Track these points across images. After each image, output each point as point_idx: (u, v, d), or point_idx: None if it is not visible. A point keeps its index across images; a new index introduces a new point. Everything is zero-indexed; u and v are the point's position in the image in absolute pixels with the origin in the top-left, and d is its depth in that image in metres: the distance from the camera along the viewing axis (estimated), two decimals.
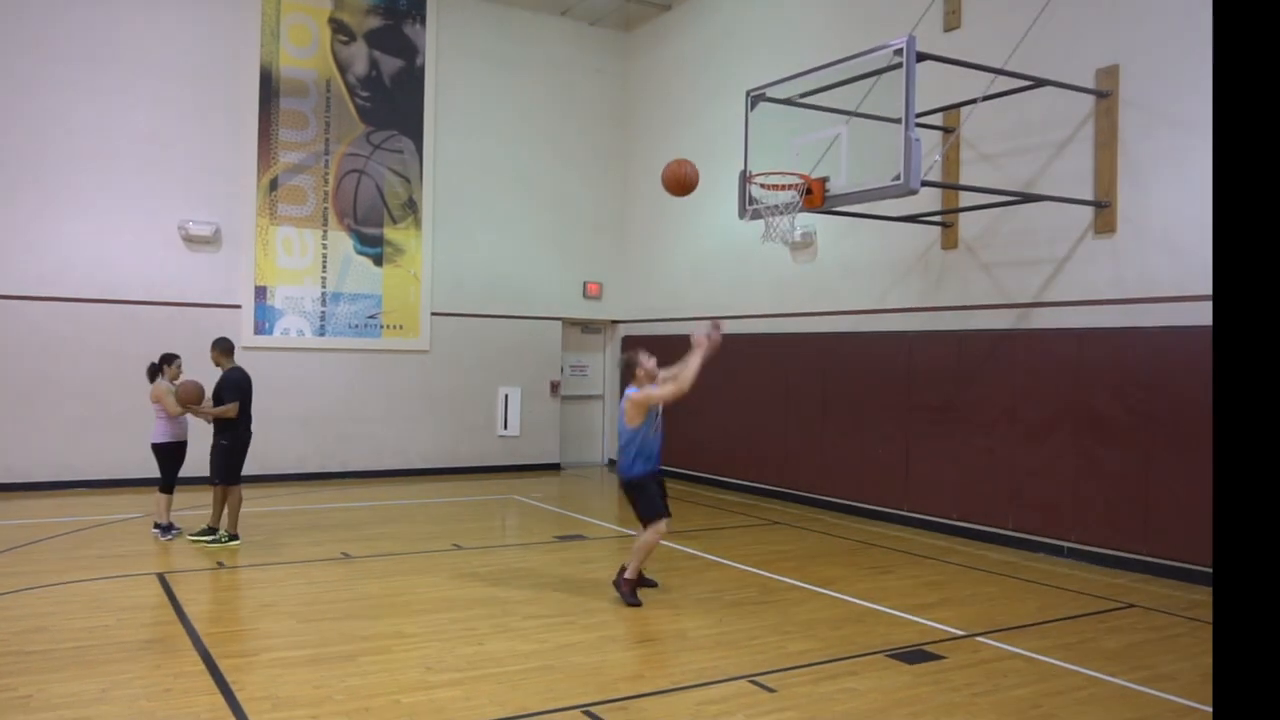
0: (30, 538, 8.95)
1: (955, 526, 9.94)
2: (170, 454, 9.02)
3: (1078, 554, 8.77)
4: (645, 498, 7.11)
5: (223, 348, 9.00)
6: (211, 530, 8.90)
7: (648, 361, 7.18)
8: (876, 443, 10.86)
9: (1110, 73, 8.61)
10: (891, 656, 5.81)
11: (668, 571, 8.03)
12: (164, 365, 9.16)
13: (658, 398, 6.98)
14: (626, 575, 7.08)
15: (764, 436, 12.57)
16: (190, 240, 12.67)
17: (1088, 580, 8.03)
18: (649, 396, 6.99)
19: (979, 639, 6.22)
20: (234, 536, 8.78)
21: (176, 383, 8.95)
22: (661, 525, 7.08)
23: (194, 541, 8.78)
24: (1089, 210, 8.78)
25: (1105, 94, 8.61)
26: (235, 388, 8.78)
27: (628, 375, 7.24)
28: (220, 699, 4.91)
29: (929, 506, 10.24)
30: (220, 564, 8.08)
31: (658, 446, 7.20)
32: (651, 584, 7.43)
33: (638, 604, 6.92)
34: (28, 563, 7.98)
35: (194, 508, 10.01)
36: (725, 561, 8.50)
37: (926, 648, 6.00)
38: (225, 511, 8.85)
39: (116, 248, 12.30)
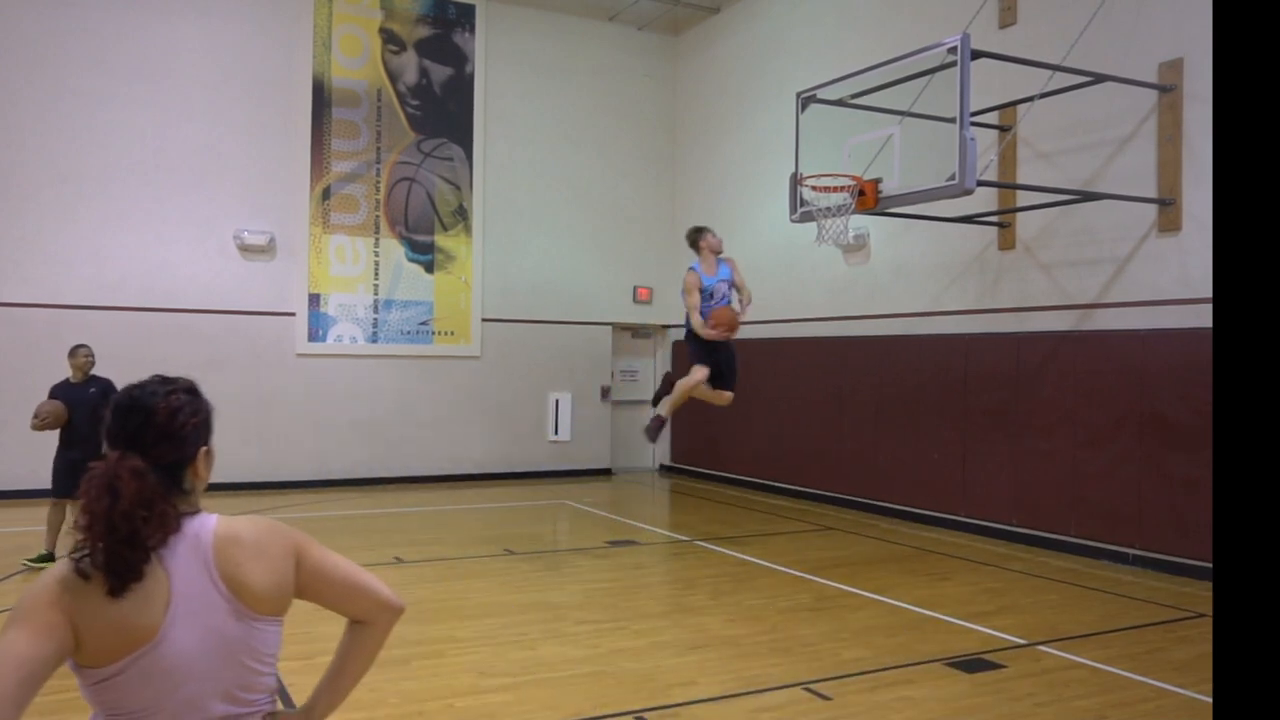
0: None
1: (1014, 533, 9.72)
2: None
3: (1143, 561, 8.52)
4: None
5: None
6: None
7: (714, 239, 9.43)
8: (932, 447, 10.67)
9: (1174, 66, 8.37)
10: (950, 665, 5.67)
11: (720, 578, 7.96)
12: None
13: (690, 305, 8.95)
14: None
15: (816, 441, 12.42)
16: (245, 249, 12.88)
17: (1154, 588, 7.79)
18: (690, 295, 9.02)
19: (1040, 648, 6.06)
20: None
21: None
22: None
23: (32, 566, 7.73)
24: (1152, 208, 8.54)
25: (1169, 88, 8.37)
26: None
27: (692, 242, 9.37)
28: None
29: (987, 512, 10.03)
30: None
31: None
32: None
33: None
34: None
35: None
36: (778, 567, 8.40)
37: (986, 656, 5.85)
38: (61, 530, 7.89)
39: (174, 258, 12.54)
